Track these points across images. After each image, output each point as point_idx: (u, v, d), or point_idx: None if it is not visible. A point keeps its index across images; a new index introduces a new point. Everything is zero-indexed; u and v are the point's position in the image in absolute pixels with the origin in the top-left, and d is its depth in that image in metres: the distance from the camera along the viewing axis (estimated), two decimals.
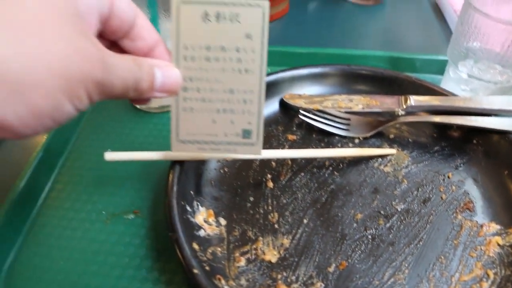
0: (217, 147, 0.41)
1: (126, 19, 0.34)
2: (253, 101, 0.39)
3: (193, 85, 0.39)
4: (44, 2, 0.27)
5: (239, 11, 0.37)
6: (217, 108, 0.40)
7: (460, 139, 0.54)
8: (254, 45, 0.38)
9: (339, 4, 0.95)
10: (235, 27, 0.37)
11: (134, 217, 0.48)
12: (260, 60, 0.38)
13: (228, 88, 0.39)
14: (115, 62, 0.31)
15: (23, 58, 0.25)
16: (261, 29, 0.37)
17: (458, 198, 0.48)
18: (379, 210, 0.47)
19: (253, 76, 0.39)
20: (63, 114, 0.28)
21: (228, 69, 0.38)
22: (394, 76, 0.59)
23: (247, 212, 0.47)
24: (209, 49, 0.38)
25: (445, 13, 0.89)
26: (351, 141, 0.55)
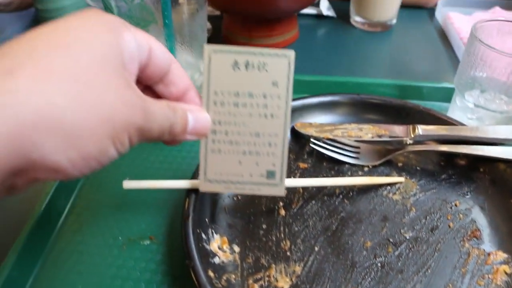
0: (242, 187, 0.43)
1: (162, 66, 0.37)
2: (277, 144, 0.42)
3: (222, 128, 0.41)
4: (94, 55, 0.29)
5: (267, 61, 0.39)
6: (243, 150, 0.42)
7: (467, 168, 0.55)
8: (280, 92, 0.40)
9: (347, 30, 0.97)
10: (262, 75, 0.40)
11: (150, 242, 0.50)
12: (285, 106, 0.41)
13: (255, 132, 0.41)
14: (154, 109, 0.33)
15: (77, 108, 0.27)
16: (286, 77, 0.40)
17: (466, 226, 0.49)
18: (388, 238, 0.48)
19: (278, 120, 0.41)
20: (107, 157, 0.31)
21: (255, 114, 0.41)
22: (402, 105, 0.61)
23: (260, 239, 0.48)
24: (237, 95, 0.40)
25: (451, 40, 0.90)
26: (360, 169, 0.56)
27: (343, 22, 0.99)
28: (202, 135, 0.41)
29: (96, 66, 0.29)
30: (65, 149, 0.27)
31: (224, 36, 0.91)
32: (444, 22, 0.96)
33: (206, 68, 0.40)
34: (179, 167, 0.59)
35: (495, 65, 0.55)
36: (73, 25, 0.30)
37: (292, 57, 0.40)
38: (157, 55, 0.36)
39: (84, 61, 0.29)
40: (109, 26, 0.31)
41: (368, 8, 0.93)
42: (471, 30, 0.57)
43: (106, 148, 0.30)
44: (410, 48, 0.91)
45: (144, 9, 0.53)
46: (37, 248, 0.49)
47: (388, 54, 0.90)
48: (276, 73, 0.40)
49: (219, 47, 0.39)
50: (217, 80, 0.40)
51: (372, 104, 0.62)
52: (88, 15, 0.31)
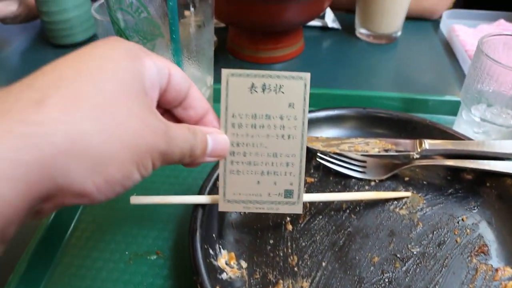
0: (261, 206, 0.44)
1: (181, 91, 0.37)
2: (294, 164, 0.43)
3: (240, 150, 0.42)
4: (117, 83, 0.30)
5: (283, 83, 0.40)
6: (261, 170, 0.43)
7: (474, 182, 0.55)
8: (296, 113, 0.41)
9: (353, 42, 0.97)
10: (279, 97, 0.40)
11: (157, 257, 0.50)
12: (302, 126, 0.42)
13: (272, 152, 0.42)
14: (175, 134, 0.34)
15: (102, 135, 0.28)
16: (302, 98, 0.41)
17: (473, 242, 0.49)
18: (395, 253, 0.48)
19: (295, 141, 0.42)
20: (131, 181, 0.31)
21: (273, 135, 0.42)
22: (408, 119, 0.61)
23: (267, 255, 0.48)
24: (255, 117, 0.41)
25: (456, 52, 0.91)
26: (367, 184, 0.56)
27: (348, 34, 1.00)
28: (221, 156, 0.42)
29: (119, 94, 0.30)
30: (91, 175, 0.28)
31: (229, 48, 0.91)
32: (449, 34, 0.96)
33: (224, 91, 0.41)
34: (185, 181, 0.60)
35: (502, 80, 0.55)
36: (97, 54, 0.31)
37: (307, 79, 0.40)
38: (176, 80, 0.36)
39: (108, 89, 0.29)
40: (131, 53, 0.32)
41: (373, 20, 0.93)
42: (477, 45, 0.57)
43: (130, 172, 0.31)
44: (415, 60, 0.92)
45: (151, 23, 0.53)
46: (43, 263, 0.49)
47: (393, 66, 0.90)
48: (293, 95, 0.41)
49: (236, 71, 0.40)
50: (235, 103, 0.41)
51: (379, 118, 0.62)
52: (111, 44, 0.32)
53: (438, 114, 0.72)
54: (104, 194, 0.30)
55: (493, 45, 0.59)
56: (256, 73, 0.40)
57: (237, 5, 0.74)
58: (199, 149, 0.38)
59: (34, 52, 0.96)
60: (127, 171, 0.31)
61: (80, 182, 0.28)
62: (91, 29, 0.96)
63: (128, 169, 0.30)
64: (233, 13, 0.78)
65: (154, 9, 0.52)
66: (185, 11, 0.54)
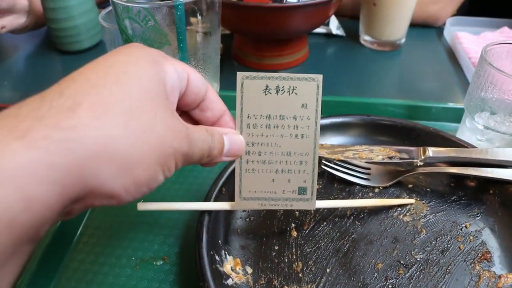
0: (275, 203, 0.45)
1: (199, 94, 0.39)
2: (308, 162, 0.44)
3: (255, 149, 0.43)
4: (142, 88, 0.32)
5: (296, 85, 0.42)
6: (276, 168, 0.44)
7: (477, 189, 0.56)
8: (309, 113, 0.42)
9: (356, 49, 0.98)
10: (292, 98, 0.42)
11: (163, 263, 0.50)
12: (315, 125, 0.43)
13: (286, 151, 0.44)
14: (195, 135, 0.36)
15: (130, 138, 0.30)
16: (315, 99, 0.42)
17: (476, 249, 0.50)
18: (399, 259, 0.49)
19: (308, 140, 0.43)
20: (156, 182, 0.33)
21: (286, 134, 0.43)
22: (412, 127, 0.61)
23: (272, 261, 0.48)
24: (269, 118, 0.42)
25: (460, 60, 0.91)
26: (371, 191, 0.57)
27: (352, 41, 1.01)
28: (237, 156, 0.43)
29: (145, 99, 0.32)
30: (120, 177, 0.30)
31: (235, 55, 0.92)
32: (453, 41, 0.96)
33: (239, 93, 0.42)
34: (190, 187, 0.60)
35: (505, 88, 0.56)
36: (121, 61, 0.33)
37: (320, 80, 0.42)
38: (195, 83, 0.38)
39: (134, 94, 0.31)
40: (152, 59, 0.34)
41: (377, 27, 0.94)
42: (481, 53, 0.58)
43: (156, 174, 0.32)
44: (418, 67, 0.92)
45: (158, 32, 0.54)
46: (50, 268, 0.49)
47: (397, 73, 0.91)
48: (305, 96, 0.42)
49: (251, 74, 0.42)
50: (250, 104, 0.42)
51: (383, 126, 0.62)
52: (133, 50, 0.34)
53: (441, 121, 0.72)
54: (132, 195, 0.32)
55: (497, 53, 0.60)
56: (270, 76, 0.42)
57: (243, 13, 0.75)
58: (217, 149, 0.39)
59: (41, 58, 0.97)
60: (153, 173, 0.32)
61: (110, 184, 0.29)
62: (97, 36, 0.97)
63: (154, 170, 0.32)
64: (238, 21, 0.78)
65: (161, 17, 0.52)
66: (192, 18, 0.54)
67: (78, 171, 0.27)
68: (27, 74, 0.90)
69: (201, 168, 0.62)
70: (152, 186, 0.33)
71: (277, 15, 0.74)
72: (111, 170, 0.29)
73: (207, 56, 0.56)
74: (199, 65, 0.55)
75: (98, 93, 0.29)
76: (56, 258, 0.50)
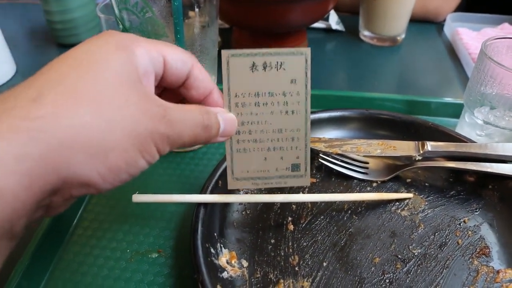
0: (269, 181, 0.45)
1: (179, 74, 0.38)
2: (300, 138, 0.43)
3: (245, 128, 0.42)
4: (111, 74, 0.31)
5: (284, 60, 0.40)
6: (268, 147, 0.43)
7: (476, 184, 0.55)
8: (299, 88, 0.42)
9: (356, 44, 0.97)
10: (281, 74, 0.41)
11: (158, 256, 0.50)
12: (305, 101, 0.42)
13: (277, 129, 0.43)
14: (179, 116, 0.35)
15: (101, 125, 0.29)
16: (304, 73, 0.41)
17: (474, 243, 0.49)
18: (397, 254, 0.48)
19: (299, 115, 0.42)
20: (136, 168, 0.33)
21: (276, 111, 0.42)
22: (411, 121, 0.61)
23: (268, 254, 0.48)
24: (258, 95, 0.41)
25: (460, 55, 0.91)
26: (369, 185, 0.56)
27: (352, 36, 1.00)
28: (230, 135, 0.42)
29: (114, 84, 0.31)
30: (94, 164, 0.30)
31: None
32: (453, 37, 0.96)
33: (225, 72, 0.41)
34: (187, 180, 0.60)
35: (505, 82, 0.55)
36: (89, 49, 0.32)
37: (308, 54, 0.41)
38: (174, 65, 0.37)
39: (103, 81, 0.30)
40: (122, 44, 0.33)
41: (377, 22, 0.94)
42: (481, 47, 0.57)
43: (134, 160, 0.32)
44: (418, 62, 0.92)
45: (156, 23, 0.53)
46: (45, 259, 0.49)
47: (396, 68, 0.91)
48: (294, 71, 0.41)
49: (236, 51, 0.40)
50: (237, 83, 0.41)
51: (382, 120, 0.62)
52: (103, 38, 0.34)
53: (440, 116, 0.72)
54: (110, 183, 0.31)
55: (497, 48, 0.59)
56: (256, 52, 0.40)
57: (242, 7, 0.74)
58: (214, 129, 0.39)
59: (39, 52, 0.96)
60: (130, 159, 0.32)
61: (84, 172, 0.29)
62: (95, 29, 0.96)
63: (131, 156, 0.32)
64: (237, 14, 0.78)
65: (158, 9, 0.52)
66: (190, 11, 0.54)
67: (49, 161, 0.27)
68: (25, 67, 0.89)
69: (199, 161, 0.62)
70: (133, 172, 0.33)
71: (276, 9, 0.73)
72: (83, 157, 0.29)
73: (204, 47, 0.56)
74: (197, 56, 0.54)
75: (65, 82, 0.29)
76: (51, 249, 0.50)
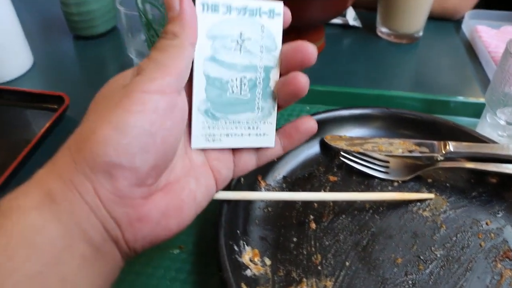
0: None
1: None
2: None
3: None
4: None
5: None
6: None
7: (498, 186, 0.55)
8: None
9: (374, 41, 0.97)
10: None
11: (179, 252, 0.50)
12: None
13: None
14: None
15: None
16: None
17: (497, 246, 0.49)
18: (419, 255, 0.48)
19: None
20: None
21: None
22: (433, 120, 0.61)
23: (290, 253, 0.48)
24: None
25: (479, 54, 0.90)
26: (390, 184, 0.56)
27: (369, 32, 0.99)
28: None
29: None
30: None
31: None
32: (471, 35, 0.95)
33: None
34: None
35: None
36: None
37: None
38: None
39: None
40: None
41: (394, 19, 0.93)
42: (506, 46, 0.57)
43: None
44: (436, 60, 0.91)
45: None
46: None
47: (414, 66, 0.90)
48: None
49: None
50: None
51: (403, 119, 0.62)
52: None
53: (459, 116, 0.71)
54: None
55: None
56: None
57: None
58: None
59: (56, 44, 0.96)
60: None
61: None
62: (112, 20, 0.96)
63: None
64: None
65: None
66: None
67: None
68: (42, 59, 0.89)
69: None
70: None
71: (296, 5, 0.73)
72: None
73: None
74: None
75: None
76: None
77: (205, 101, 0.39)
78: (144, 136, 0.32)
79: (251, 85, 0.40)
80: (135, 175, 0.32)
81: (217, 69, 0.39)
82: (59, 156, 0.32)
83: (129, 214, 0.33)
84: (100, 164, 0.31)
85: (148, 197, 0.34)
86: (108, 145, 0.31)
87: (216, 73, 0.39)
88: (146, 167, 0.33)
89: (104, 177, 0.31)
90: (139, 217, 0.33)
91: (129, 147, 0.32)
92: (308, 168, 0.58)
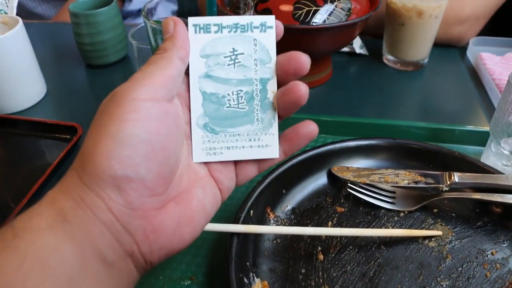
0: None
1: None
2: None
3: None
4: None
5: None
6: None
7: (503, 215, 0.56)
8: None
9: (380, 68, 0.98)
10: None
11: (190, 283, 0.51)
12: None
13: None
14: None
15: None
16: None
17: (503, 277, 0.50)
18: (425, 286, 0.49)
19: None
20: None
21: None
22: (438, 151, 0.62)
23: (299, 284, 0.49)
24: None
25: (484, 81, 0.91)
26: (396, 214, 0.57)
27: (375, 60, 1.01)
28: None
29: None
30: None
31: None
32: (476, 62, 0.96)
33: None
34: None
35: None
36: None
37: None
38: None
39: None
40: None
41: (400, 47, 0.94)
42: (508, 79, 0.58)
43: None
44: (441, 88, 0.92)
45: None
46: None
47: (420, 93, 0.91)
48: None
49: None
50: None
51: (409, 149, 0.63)
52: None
53: (465, 144, 0.72)
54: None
55: None
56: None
57: None
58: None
59: (69, 72, 0.98)
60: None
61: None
62: (123, 50, 0.98)
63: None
64: None
65: None
66: None
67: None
68: (55, 87, 0.91)
69: None
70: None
71: (304, 36, 0.75)
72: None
73: None
74: None
75: None
76: None
77: (202, 116, 0.41)
78: (142, 145, 0.33)
79: (248, 98, 0.41)
80: (142, 185, 0.33)
81: (213, 84, 0.41)
82: (67, 177, 0.34)
83: (144, 226, 0.34)
84: (107, 179, 0.32)
85: (160, 208, 0.35)
86: (111, 158, 0.32)
87: (211, 89, 0.41)
88: (152, 175, 0.34)
89: (113, 191, 0.32)
90: (153, 228, 0.34)
91: (132, 158, 0.33)
92: (315, 199, 0.59)
